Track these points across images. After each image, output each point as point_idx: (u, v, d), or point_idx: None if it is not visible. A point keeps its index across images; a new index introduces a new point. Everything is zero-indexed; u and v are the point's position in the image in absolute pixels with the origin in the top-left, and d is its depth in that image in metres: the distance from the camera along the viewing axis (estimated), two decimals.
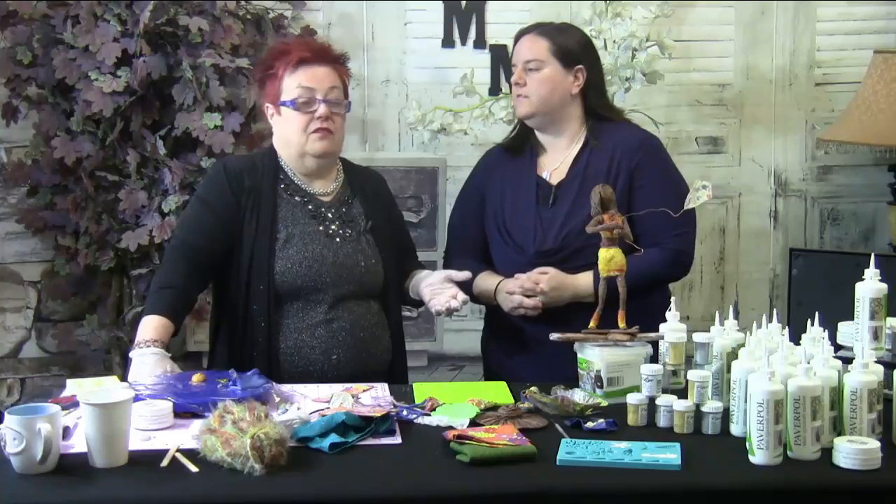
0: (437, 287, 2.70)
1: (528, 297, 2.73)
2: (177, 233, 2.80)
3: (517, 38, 2.93)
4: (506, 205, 2.90)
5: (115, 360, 3.68)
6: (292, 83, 2.67)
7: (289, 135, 2.69)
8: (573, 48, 2.88)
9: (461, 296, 2.65)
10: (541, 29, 2.91)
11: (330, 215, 2.73)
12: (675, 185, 2.81)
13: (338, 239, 2.70)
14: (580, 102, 2.89)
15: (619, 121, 2.95)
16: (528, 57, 2.86)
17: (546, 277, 2.73)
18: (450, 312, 2.66)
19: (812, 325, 2.27)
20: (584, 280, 2.74)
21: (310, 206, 2.72)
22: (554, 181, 2.87)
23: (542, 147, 2.93)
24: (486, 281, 2.86)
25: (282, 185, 2.72)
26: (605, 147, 2.85)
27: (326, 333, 2.64)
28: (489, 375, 2.95)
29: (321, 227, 2.70)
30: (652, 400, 2.29)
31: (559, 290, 2.74)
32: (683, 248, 2.84)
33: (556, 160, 2.90)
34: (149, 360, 2.44)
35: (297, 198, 2.72)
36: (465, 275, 2.70)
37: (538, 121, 2.89)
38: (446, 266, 2.90)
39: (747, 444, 2.05)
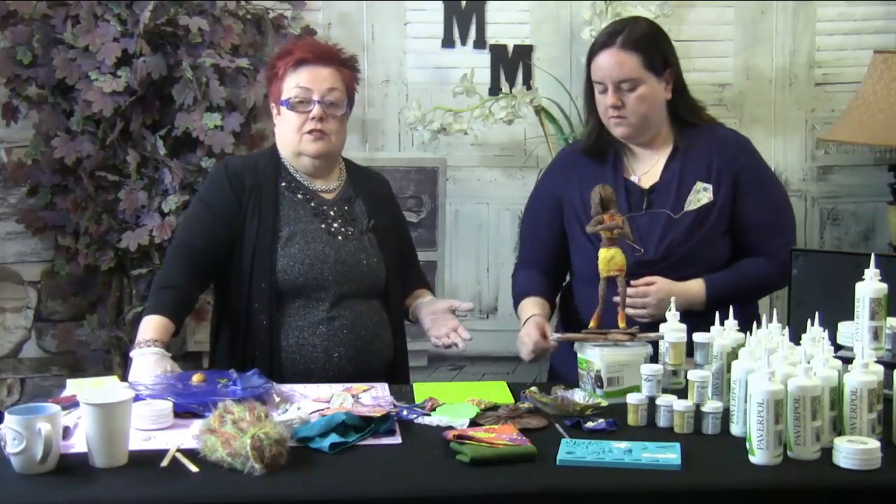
0: (439, 317, 2.69)
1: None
2: (178, 233, 2.81)
3: (595, 53, 2.74)
4: (592, 209, 2.74)
5: (115, 360, 3.69)
6: (291, 83, 2.68)
7: (285, 133, 2.71)
8: (662, 52, 2.75)
9: (464, 332, 2.62)
10: (623, 40, 2.71)
11: (332, 213, 2.73)
12: (778, 188, 2.80)
13: (340, 237, 2.70)
14: (666, 104, 2.79)
15: (705, 120, 2.85)
16: (620, 77, 2.70)
17: (654, 289, 2.65)
18: (448, 347, 2.65)
19: (812, 325, 2.27)
20: (695, 288, 2.67)
21: (312, 204, 2.72)
22: (645, 185, 2.77)
23: (628, 150, 2.81)
24: (526, 311, 2.78)
25: (283, 183, 2.73)
26: (700, 150, 2.77)
27: (328, 331, 2.64)
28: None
29: (323, 225, 2.70)
30: (652, 400, 2.29)
31: (668, 302, 2.56)
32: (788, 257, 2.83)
33: (646, 163, 2.80)
34: (149, 360, 2.44)
35: (299, 195, 2.72)
36: (468, 305, 2.69)
37: (635, 137, 2.77)
38: (514, 274, 2.91)
39: (747, 444, 2.05)
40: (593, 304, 2.61)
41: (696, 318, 2.50)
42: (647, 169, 2.79)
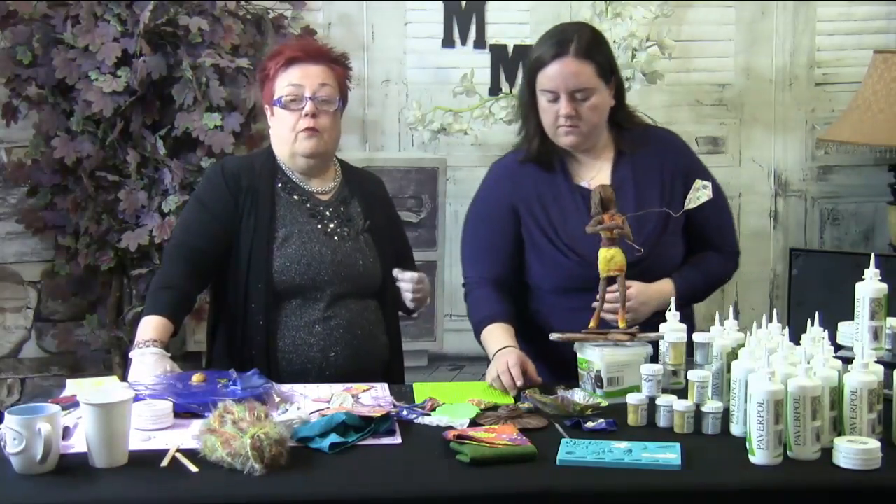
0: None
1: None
2: (175, 233, 2.81)
3: (546, 62, 2.64)
4: (553, 219, 2.69)
5: (115, 360, 3.69)
6: (283, 82, 2.68)
7: (280, 133, 2.71)
8: (609, 59, 2.71)
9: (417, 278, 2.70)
10: (576, 49, 2.63)
11: (328, 214, 2.73)
12: (716, 182, 2.78)
13: (336, 237, 2.71)
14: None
15: (638, 123, 2.82)
16: (576, 86, 2.62)
17: (634, 292, 2.59)
18: (420, 301, 2.74)
19: (812, 325, 2.27)
20: (667, 288, 2.66)
21: (308, 205, 2.72)
22: None
23: (572, 157, 2.75)
24: (493, 341, 2.63)
25: (279, 184, 2.73)
26: (648, 152, 2.75)
27: (324, 331, 2.64)
28: None
29: (319, 226, 2.70)
30: (652, 400, 2.28)
31: (647, 305, 2.60)
32: (739, 248, 2.88)
33: (591, 169, 2.75)
34: (148, 360, 2.44)
35: (295, 196, 2.72)
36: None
37: (582, 145, 2.72)
38: (470, 294, 2.78)
39: (747, 444, 2.05)
40: (557, 312, 2.64)
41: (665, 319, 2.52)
42: (594, 174, 2.74)
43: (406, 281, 2.70)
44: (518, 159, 2.78)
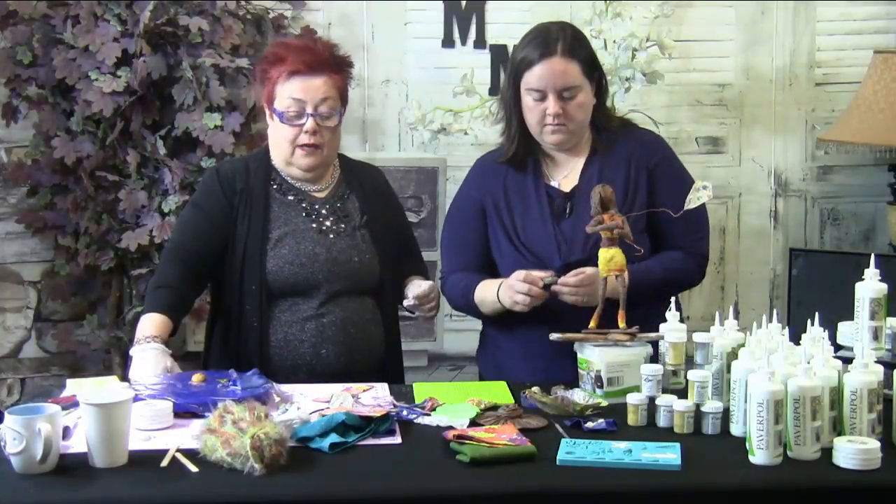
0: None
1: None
2: (172, 236, 2.85)
3: (534, 61, 2.67)
4: (516, 218, 2.74)
5: (115, 360, 3.69)
6: (284, 93, 2.66)
7: (278, 142, 2.71)
8: (592, 57, 2.73)
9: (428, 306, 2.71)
10: (563, 48, 2.67)
11: (324, 211, 2.73)
12: (690, 184, 2.80)
13: (331, 235, 2.71)
14: None
15: (621, 122, 2.85)
16: (564, 84, 2.65)
17: (582, 277, 2.57)
18: (431, 309, 2.73)
19: (812, 325, 2.27)
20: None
21: (303, 204, 2.72)
22: (565, 189, 2.75)
23: (547, 156, 2.79)
24: (488, 288, 2.69)
25: (274, 185, 2.73)
26: (618, 150, 2.76)
27: (316, 328, 2.65)
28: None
29: (314, 224, 2.70)
30: (652, 400, 2.29)
31: (595, 288, 2.54)
32: (707, 252, 2.83)
33: (565, 168, 2.78)
34: (149, 356, 2.45)
35: (289, 197, 2.73)
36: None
37: (566, 143, 2.75)
38: (447, 279, 2.84)
39: (747, 444, 2.05)
40: (519, 312, 2.62)
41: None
42: (566, 173, 2.77)
43: (414, 298, 2.71)
44: (497, 159, 2.82)
